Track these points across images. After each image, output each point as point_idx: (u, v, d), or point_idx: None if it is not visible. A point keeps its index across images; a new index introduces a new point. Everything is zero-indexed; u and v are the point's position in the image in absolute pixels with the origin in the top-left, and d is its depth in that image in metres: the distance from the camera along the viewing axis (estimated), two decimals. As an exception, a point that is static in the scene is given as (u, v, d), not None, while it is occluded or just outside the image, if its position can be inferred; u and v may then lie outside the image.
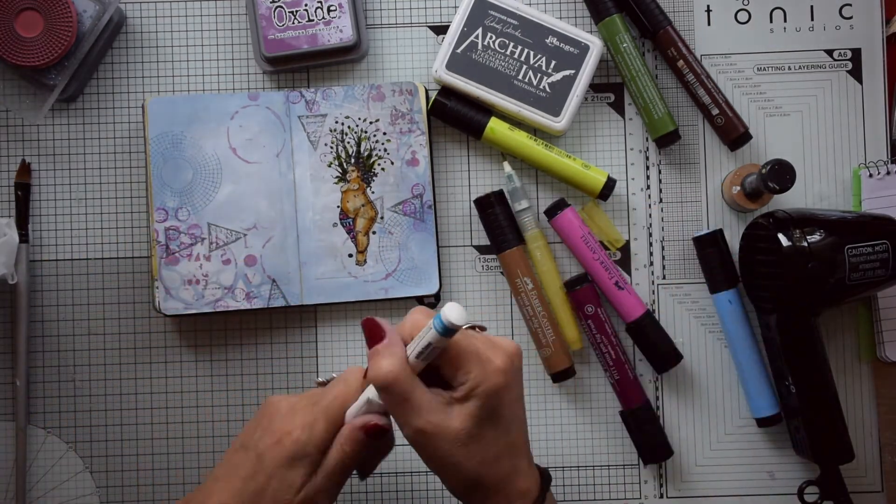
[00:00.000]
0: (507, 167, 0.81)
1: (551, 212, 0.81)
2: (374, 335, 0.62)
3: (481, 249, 0.83)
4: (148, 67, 0.83)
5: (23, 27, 0.78)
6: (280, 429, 0.64)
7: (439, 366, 0.62)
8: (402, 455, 0.82)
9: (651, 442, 0.80)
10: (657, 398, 0.82)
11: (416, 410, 0.61)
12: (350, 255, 0.81)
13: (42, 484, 0.82)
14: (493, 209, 0.80)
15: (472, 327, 0.65)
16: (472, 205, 0.82)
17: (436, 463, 0.62)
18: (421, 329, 0.61)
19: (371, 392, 0.63)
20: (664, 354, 0.80)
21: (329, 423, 0.63)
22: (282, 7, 0.80)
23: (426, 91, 0.81)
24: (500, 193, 0.81)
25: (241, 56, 0.83)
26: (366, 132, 0.81)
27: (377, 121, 0.81)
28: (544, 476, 0.65)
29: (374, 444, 0.64)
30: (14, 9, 0.78)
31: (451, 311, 0.58)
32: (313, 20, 0.80)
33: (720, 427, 0.82)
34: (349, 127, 0.81)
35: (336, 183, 0.81)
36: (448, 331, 0.58)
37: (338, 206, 0.81)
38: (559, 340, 0.80)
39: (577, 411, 0.82)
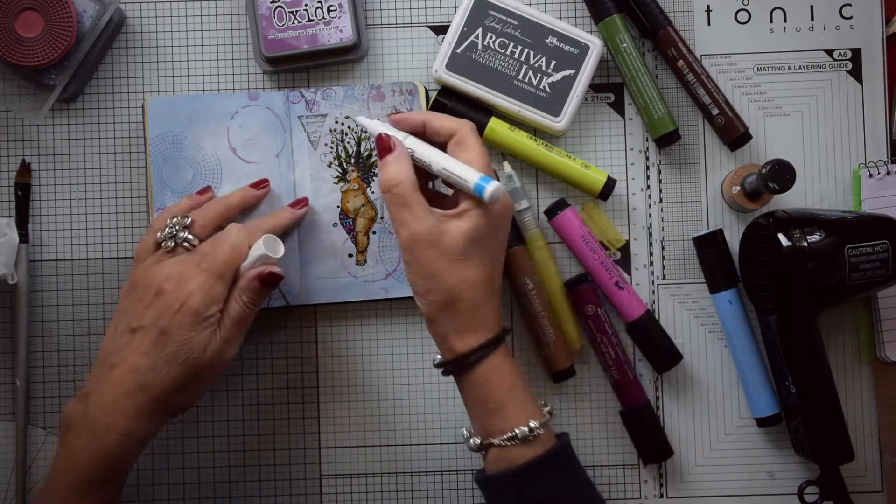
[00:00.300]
0: (507, 167, 0.81)
1: (551, 212, 0.81)
2: (385, 147, 0.70)
3: (481, 249, 0.83)
4: (148, 67, 0.83)
5: (23, 27, 0.78)
6: (177, 299, 0.70)
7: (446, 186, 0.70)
8: (403, 455, 0.82)
9: (651, 442, 0.80)
10: (657, 398, 0.82)
11: (414, 215, 0.67)
12: (350, 255, 0.81)
13: (42, 483, 0.82)
14: None
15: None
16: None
17: (422, 272, 0.68)
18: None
19: (262, 249, 0.72)
20: (664, 354, 0.80)
21: (224, 283, 0.71)
22: (282, 7, 0.80)
23: (426, 91, 0.81)
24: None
25: (241, 56, 0.83)
26: (366, 132, 0.81)
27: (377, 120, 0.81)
28: (508, 327, 0.72)
29: (268, 291, 0.73)
30: (14, 9, 0.78)
31: (493, 195, 0.66)
32: (313, 20, 0.80)
33: (720, 427, 0.82)
34: (349, 127, 0.81)
35: (336, 183, 0.81)
36: (481, 199, 0.66)
37: (338, 206, 0.81)
38: (560, 341, 0.80)
39: (577, 411, 0.82)
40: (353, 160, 0.81)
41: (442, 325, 0.69)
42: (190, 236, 0.73)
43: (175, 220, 0.74)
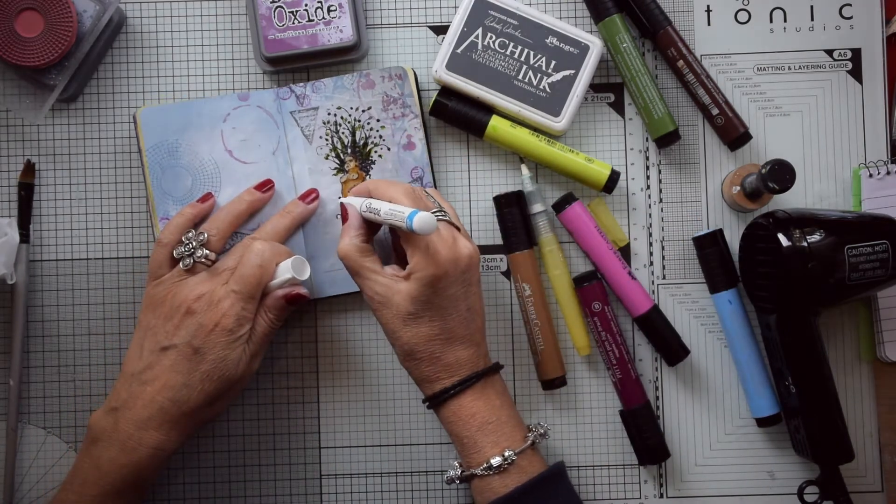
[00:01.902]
0: (524, 170, 0.81)
1: (559, 206, 0.81)
2: (344, 216, 0.75)
3: (483, 249, 0.83)
4: (148, 67, 0.83)
5: (23, 27, 0.78)
6: (211, 320, 0.72)
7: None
8: (402, 455, 0.82)
9: (649, 443, 0.80)
10: (657, 398, 0.82)
11: (365, 282, 0.72)
12: None
13: (42, 484, 0.82)
14: (511, 208, 0.80)
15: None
16: (472, 206, 0.82)
17: (383, 328, 0.73)
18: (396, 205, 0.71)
19: (290, 272, 0.74)
20: (675, 347, 0.80)
21: (254, 302, 0.74)
22: (282, 7, 0.80)
23: (415, 76, 0.81)
24: (519, 194, 0.81)
25: (241, 56, 0.83)
26: (359, 121, 0.81)
27: (369, 108, 0.81)
28: (491, 368, 0.74)
29: (292, 309, 0.77)
30: (14, 9, 0.78)
31: (422, 224, 0.67)
32: (313, 20, 0.80)
33: (720, 427, 0.82)
34: (342, 117, 0.81)
35: (335, 174, 0.81)
36: (413, 231, 0.67)
37: (339, 197, 0.81)
38: (550, 351, 0.80)
39: (577, 411, 0.82)
40: (349, 150, 0.81)
41: (411, 372, 0.74)
42: (207, 252, 0.76)
43: (190, 235, 0.76)
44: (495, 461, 0.71)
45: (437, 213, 0.72)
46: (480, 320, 0.74)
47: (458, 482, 0.73)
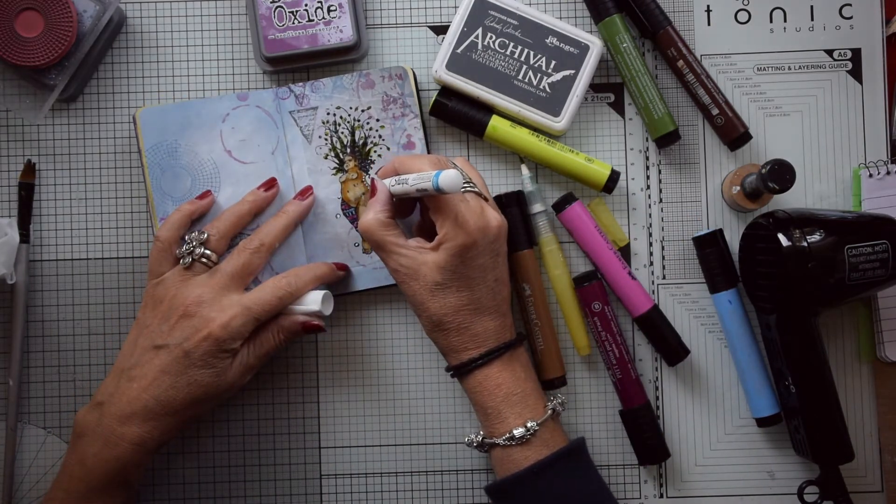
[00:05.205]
0: (524, 170, 0.81)
1: (559, 206, 0.81)
2: (371, 191, 0.75)
3: (481, 249, 0.83)
4: (148, 67, 0.83)
5: (23, 27, 0.78)
6: (205, 325, 0.73)
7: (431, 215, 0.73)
8: (403, 455, 0.82)
9: (649, 443, 0.80)
10: (657, 398, 0.82)
11: (390, 255, 0.73)
12: (356, 245, 0.81)
13: (42, 484, 0.82)
14: (511, 208, 0.80)
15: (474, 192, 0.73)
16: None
17: (409, 299, 0.73)
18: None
19: (318, 304, 0.75)
20: (675, 347, 0.80)
21: (254, 322, 0.74)
22: (282, 7, 0.80)
23: (415, 76, 0.81)
24: (519, 194, 0.81)
25: (241, 56, 0.83)
26: (359, 120, 0.81)
27: (369, 108, 0.81)
28: (517, 339, 0.74)
29: (303, 335, 0.77)
30: (14, 9, 0.78)
31: (447, 182, 0.67)
32: (313, 20, 0.80)
33: (720, 427, 0.82)
34: (341, 117, 0.81)
35: (334, 174, 0.81)
36: (441, 191, 0.67)
37: (338, 197, 0.81)
38: (550, 351, 0.80)
39: (577, 411, 0.82)
40: (348, 150, 0.81)
41: (438, 342, 0.74)
42: (208, 251, 0.76)
43: (193, 235, 0.76)
44: (518, 432, 0.71)
45: (465, 184, 0.72)
46: (507, 291, 0.75)
47: (478, 449, 0.74)
